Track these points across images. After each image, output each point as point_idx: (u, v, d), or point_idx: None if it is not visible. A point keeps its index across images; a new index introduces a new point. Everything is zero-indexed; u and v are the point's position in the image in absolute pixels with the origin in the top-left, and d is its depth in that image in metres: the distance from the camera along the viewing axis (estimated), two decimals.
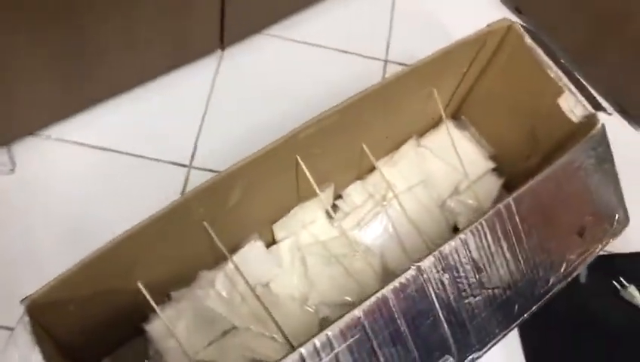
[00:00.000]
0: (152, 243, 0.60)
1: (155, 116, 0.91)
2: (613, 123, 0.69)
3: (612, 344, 0.83)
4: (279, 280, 0.78)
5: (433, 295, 0.58)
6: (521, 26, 0.75)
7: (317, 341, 0.52)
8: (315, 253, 0.79)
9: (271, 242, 0.80)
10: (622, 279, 0.86)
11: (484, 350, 0.62)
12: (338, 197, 0.85)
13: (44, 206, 0.81)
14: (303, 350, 0.51)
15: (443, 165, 0.85)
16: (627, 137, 1.02)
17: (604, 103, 1.03)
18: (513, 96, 0.79)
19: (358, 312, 0.54)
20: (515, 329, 0.81)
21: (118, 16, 0.75)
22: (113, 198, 0.83)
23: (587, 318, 0.84)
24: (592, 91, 0.72)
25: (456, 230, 0.84)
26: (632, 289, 0.85)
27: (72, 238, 0.79)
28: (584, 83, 0.72)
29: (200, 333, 0.71)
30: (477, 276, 0.60)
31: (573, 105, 0.71)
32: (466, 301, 0.60)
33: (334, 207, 0.84)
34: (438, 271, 0.58)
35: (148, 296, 0.63)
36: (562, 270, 0.67)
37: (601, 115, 0.70)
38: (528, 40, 0.73)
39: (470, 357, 0.61)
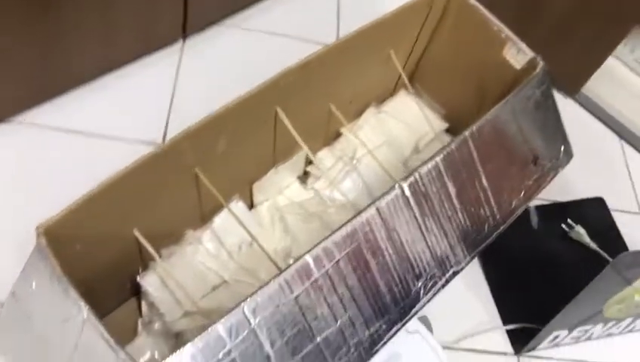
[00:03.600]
0: (145, 187, 0.62)
1: (124, 101, 0.94)
2: None
3: (563, 276, 0.90)
4: (261, 238, 0.81)
5: (412, 214, 0.64)
6: None
7: (320, 250, 0.56)
8: (292, 212, 0.84)
9: (249, 203, 0.84)
10: (570, 221, 0.95)
11: (463, 265, 0.68)
12: (309, 163, 0.90)
13: (24, 191, 0.82)
14: (308, 257, 0.56)
15: (403, 126, 0.92)
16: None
17: None
18: (461, 56, 0.87)
19: (351, 227, 0.59)
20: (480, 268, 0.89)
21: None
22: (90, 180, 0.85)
23: (541, 257, 0.92)
24: None
25: None
26: (579, 228, 0.94)
27: None
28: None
29: (192, 287, 0.73)
30: (452, 197, 0.67)
31: (515, 53, 0.79)
32: (442, 218, 0.66)
33: (307, 172, 0.89)
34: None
35: (144, 241, 0.66)
36: (522, 195, 0.74)
37: None
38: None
39: (451, 271, 0.67)
